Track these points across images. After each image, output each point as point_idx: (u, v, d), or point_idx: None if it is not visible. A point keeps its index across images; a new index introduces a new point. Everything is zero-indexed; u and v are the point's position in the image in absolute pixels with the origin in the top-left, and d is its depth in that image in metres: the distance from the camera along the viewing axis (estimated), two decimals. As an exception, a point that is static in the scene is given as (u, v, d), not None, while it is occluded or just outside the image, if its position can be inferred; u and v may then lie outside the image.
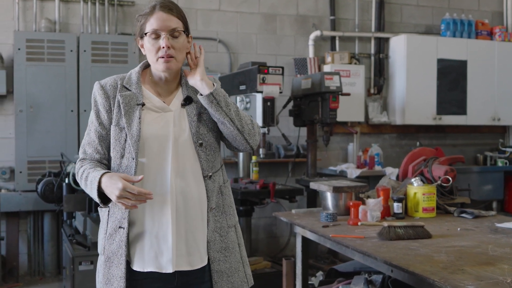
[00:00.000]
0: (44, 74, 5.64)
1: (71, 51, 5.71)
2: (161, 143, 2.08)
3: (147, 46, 2.10)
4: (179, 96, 2.18)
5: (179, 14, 2.12)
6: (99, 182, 1.98)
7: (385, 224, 2.88)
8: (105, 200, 2.03)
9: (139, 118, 2.07)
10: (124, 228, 2.06)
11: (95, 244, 4.38)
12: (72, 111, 5.73)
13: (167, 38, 2.06)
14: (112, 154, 2.12)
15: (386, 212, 3.42)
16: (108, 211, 2.11)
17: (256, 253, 6.20)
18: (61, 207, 5.15)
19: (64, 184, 4.97)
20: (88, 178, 2.05)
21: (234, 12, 6.58)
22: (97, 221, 4.54)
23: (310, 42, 6.76)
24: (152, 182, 2.07)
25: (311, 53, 6.75)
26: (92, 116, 2.15)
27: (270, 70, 4.83)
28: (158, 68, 2.10)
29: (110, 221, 2.10)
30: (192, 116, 2.14)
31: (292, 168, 6.56)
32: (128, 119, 2.07)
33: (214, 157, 2.16)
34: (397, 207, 3.43)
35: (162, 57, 2.07)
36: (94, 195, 2.02)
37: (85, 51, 5.75)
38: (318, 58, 6.70)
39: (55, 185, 5.16)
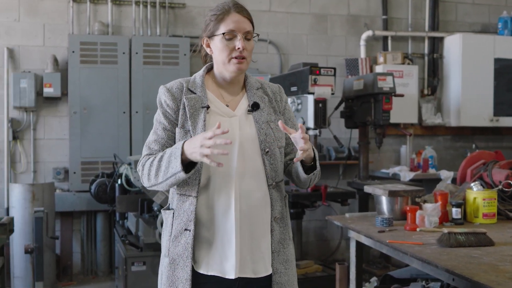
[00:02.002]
0: (97, 76, 5.73)
1: (124, 53, 5.79)
2: (226, 146, 2.03)
3: (219, 46, 2.09)
4: (244, 101, 2.17)
5: (250, 18, 2.14)
6: (182, 149, 1.93)
7: (445, 230, 2.77)
8: (187, 169, 1.97)
9: (204, 121, 2.06)
10: (190, 231, 2.04)
11: (147, 245, 4.40)
12: (124, 113, 5.81)
13: (243, 39, 2.07)
14: None
15: (444, 218, 3.30)
16: (173, 213, 2.10)
17: (307, 256, 6.13)
18: (113, 207, 5.22)
19: (116, 185, 5.04)
20: (163, 157, 2.00)
21: (284, 13, 6.53)
22: (149, 222, 4.56)
23: (362, 42, 6.65)
24: (218, 185, 2.05)
25: (362, 54, 6.64)
26: (159, 116, 2.13)
27: (322, 71, 4.76)
28: (229, 69, 2.10)
29: (175, 223, 2.08)
30: (260, 123, 2.12)
31: (343, 170, 6.46)
32: (193, 122, 2.06)
33: (277, 167, 2.13)
34: (455, 213, 3.30)
35: (236, 58, 2.07)
36: (176, 164, 1.94)
37: (137, 53, 5.82)
38: (370, 59, 6.58)
39: (108, 186, 5.24)
